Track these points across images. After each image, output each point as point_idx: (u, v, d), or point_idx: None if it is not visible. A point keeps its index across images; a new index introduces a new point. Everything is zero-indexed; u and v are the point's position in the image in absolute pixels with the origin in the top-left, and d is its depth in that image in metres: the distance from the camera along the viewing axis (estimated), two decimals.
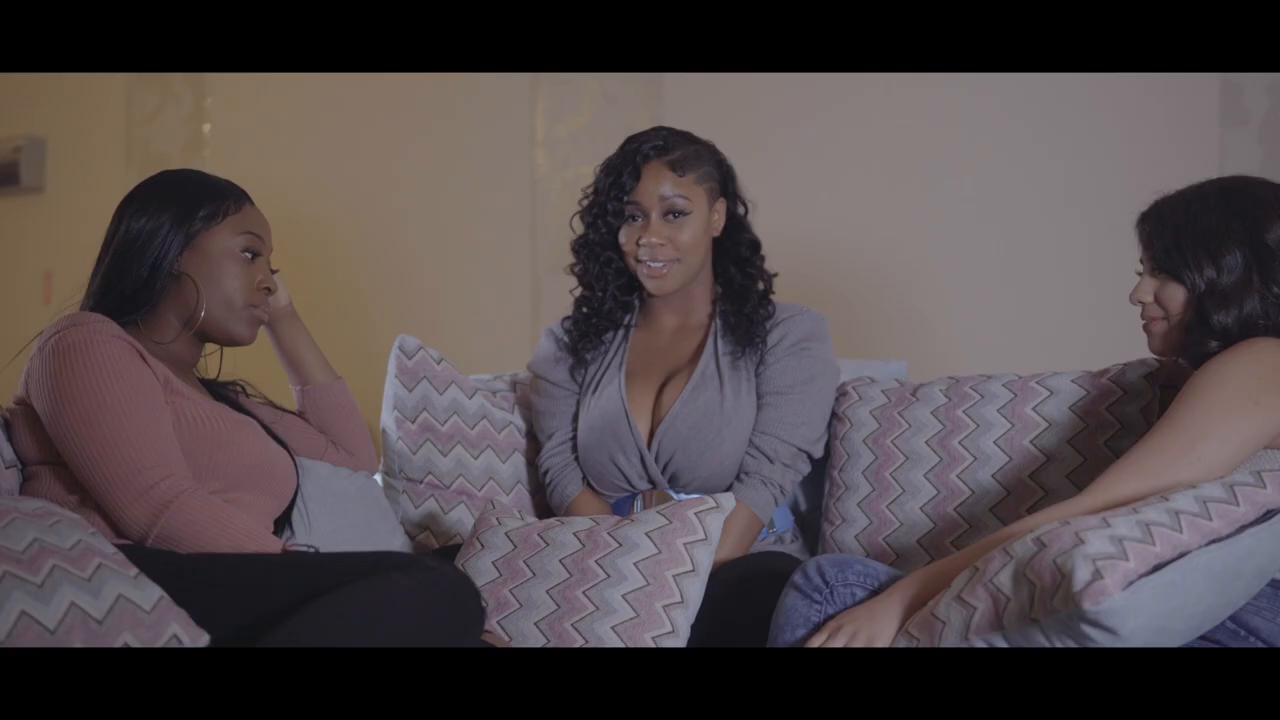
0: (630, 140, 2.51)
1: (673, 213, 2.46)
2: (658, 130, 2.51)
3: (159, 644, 1.65)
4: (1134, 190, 2.23)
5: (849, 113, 3.61)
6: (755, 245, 2.56)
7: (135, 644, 1.63)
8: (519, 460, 2.68)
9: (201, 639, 1.69)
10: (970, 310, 3.40)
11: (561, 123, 4.13)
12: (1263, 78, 3.22)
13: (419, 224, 4.34)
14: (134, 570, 1.70)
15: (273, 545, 1.96)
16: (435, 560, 1.85)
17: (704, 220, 2.49)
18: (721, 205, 2.53)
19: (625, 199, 2.47)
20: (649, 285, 2.49)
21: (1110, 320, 2.52)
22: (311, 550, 2.02)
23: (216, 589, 1.80)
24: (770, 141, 2.69)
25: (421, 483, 2.57)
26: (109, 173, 4.90)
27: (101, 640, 1.60)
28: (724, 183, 2.53)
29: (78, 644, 1.58)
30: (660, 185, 2.45)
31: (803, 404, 2.48)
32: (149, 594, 1.68)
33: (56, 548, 1.64)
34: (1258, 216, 2.08)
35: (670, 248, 2.46)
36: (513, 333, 4.17)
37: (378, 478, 2.56)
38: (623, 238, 2.49)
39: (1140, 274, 2.17)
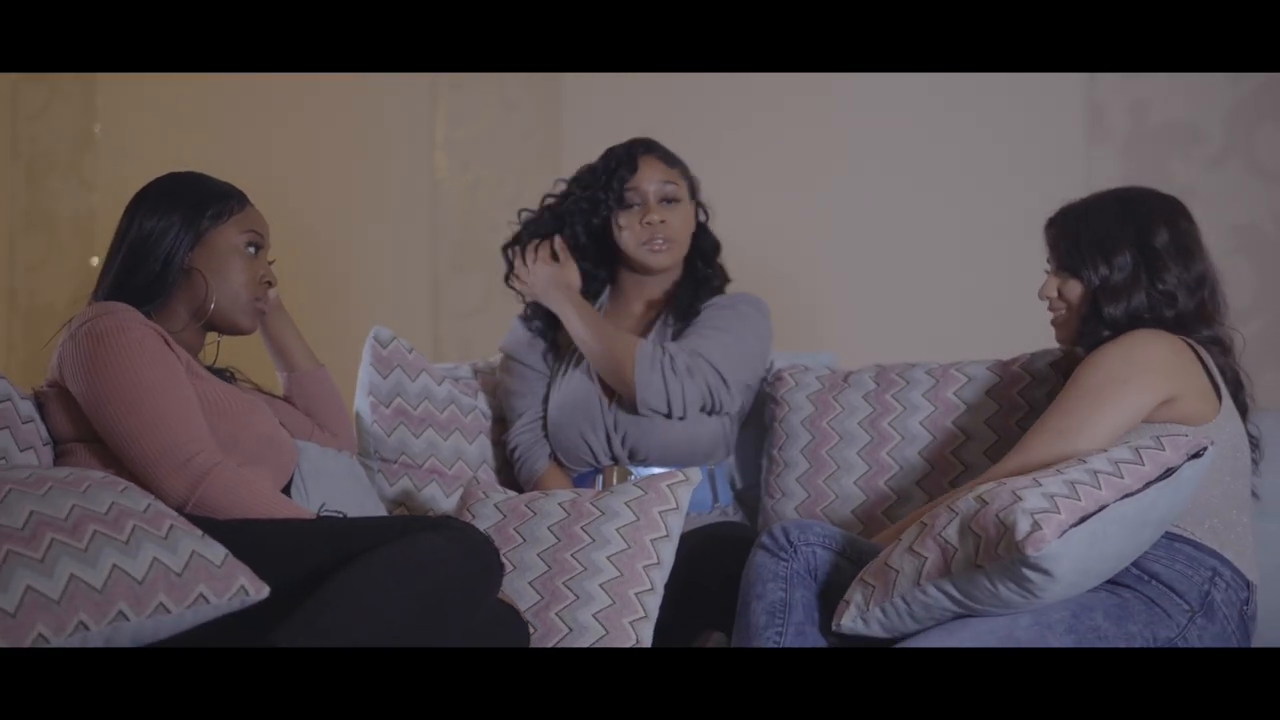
0: (614, 147, 2.80)
1: (667, 199, 2.76)
2: (635, 139, 2.80)
3: (229, 594, 1.85)
4: (1023, 196, 2.56)
5: (751, 111, 3.78)
6: (718, 246, 2.88)
7: (210, 594, 1.83)
8: (484, 441, 2.90)
9: (263, 590, 1.89)
10: (890, 305, 3.66)
11: (462, 126, 4.27)
12: (1123, 99, 3.58)
13: (318, 224, 4.32)
14: (199, 531, 1.89)
15: (303, 512, 2.14)
16: (460, 521, 2.05)
17: (690, 209, 2.81)
18: (695, 205, 2.83)
19: (625, 187, 2.75)
20: (652, 260, 2.77)
21: (1016, 313, 2.83)
22: (342, 516, 2.20)
23: (254, 552, 1.97)
24: (673, 142, 2.92)
25: (396, 463, 2.77)
26: None
27: (181, 590, 1.80)
28: (693, 189, 2.85)
29: (161, 594, 1.78)
30: (656, 173, 2.77)
31: (717, 337, 2.72)
32: (216, 551, 1.87)
33: (133, 510, 1.83)
34: (1147, 223, 2.41)
35: (668, 227, 2.75)
36: (413, 332, 4.26)
37: None
38: (624, 221, 2.76)
39: (1048, 273, 2.48)
